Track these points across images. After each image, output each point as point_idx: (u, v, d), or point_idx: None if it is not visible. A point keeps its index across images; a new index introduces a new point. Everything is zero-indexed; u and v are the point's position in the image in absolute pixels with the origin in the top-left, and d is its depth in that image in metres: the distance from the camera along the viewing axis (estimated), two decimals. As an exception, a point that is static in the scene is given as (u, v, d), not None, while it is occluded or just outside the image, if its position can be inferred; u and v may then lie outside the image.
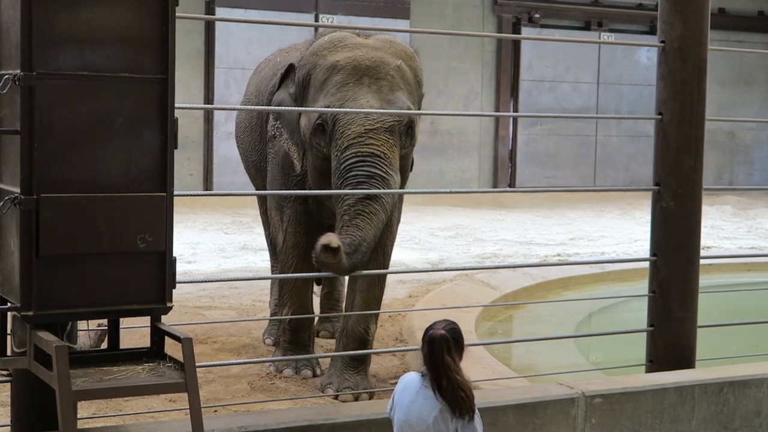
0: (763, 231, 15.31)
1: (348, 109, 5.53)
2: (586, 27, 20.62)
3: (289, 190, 6.18)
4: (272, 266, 7.67)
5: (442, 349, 3.59)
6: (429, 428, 3.59)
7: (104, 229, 3.46)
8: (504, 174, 20.13)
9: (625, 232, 14.45)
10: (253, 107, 6.56)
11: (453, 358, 3.60)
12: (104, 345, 4.76)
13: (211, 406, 5.52)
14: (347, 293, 6.31)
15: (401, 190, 5.47)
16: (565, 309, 9.27)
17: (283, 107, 5.91)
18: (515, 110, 20.03)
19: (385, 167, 5.48)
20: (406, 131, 5.68)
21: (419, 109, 6.03)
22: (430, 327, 3.67)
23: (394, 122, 5.59)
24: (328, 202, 6.00)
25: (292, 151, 5.96)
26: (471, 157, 19.83)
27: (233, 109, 6.99)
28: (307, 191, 5.99)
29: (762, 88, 22.85)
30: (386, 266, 6.25)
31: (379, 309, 6.22)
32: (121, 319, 3.76)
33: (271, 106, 6.06)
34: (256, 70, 7.49)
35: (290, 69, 6.03)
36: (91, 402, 5.38)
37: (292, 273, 6.25)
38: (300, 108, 5.74)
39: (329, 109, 5.60)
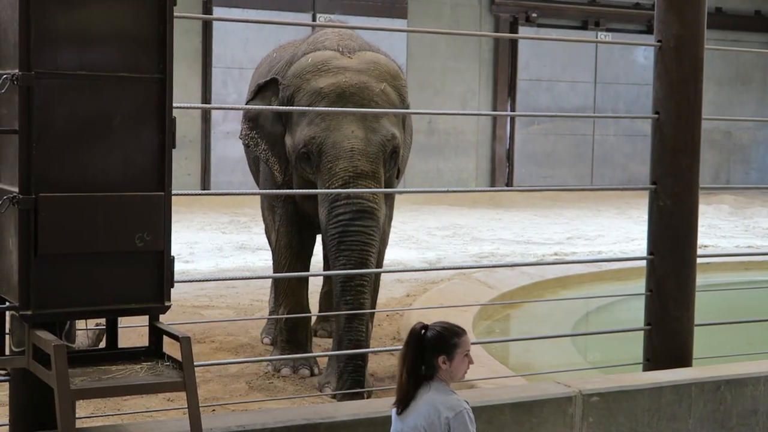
0: (760, 230, 15.33)
1: (340, 109, 5.55)
2: (584, 26, 20.64)
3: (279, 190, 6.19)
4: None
5: (406, 342, 3.64)
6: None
7: (102, 228, 3.46)
8: (501, 173, 20.14)
9: (622, 231, 14.47)
10: (249, 107, 6.55)
11: (409, 353, 3.61)
12: (102, 344, 4.77)
13: (209, 405, 5.53)
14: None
15: (400, 190, 5.49)
16: (563, 308, 9.29)
17: (260, 120, 5.90)
18: (512, 110, 20.03)
19: (372, 211, 5.55)
20: (390, 156, 5.71)
21: (404, 127, 6.03)
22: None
23: (379, 152, 5.62)
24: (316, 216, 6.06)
25: (272, 162, 5.97)
26: (468, 156, 19.84)
27: (231, 109, 6.98)
28: (300, 191, 5.99)
29: (759, 88, 22.87)
30: (379, 265, 6.26)
31: (374, 308, 6.23)
32: (120, 319, 3.76)
33: (244, 115, 6.05)
34: (257, 67, 7.51)
35: (272, 82, 6.01)
36: (90, 401, 5.39)
37: (286, 272, 6.26)
38: (300, 108, 5.72)
39: (323, 109, 5.61)
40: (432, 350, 3.60)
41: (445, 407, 3.54)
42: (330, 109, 5.61)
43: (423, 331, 3.62)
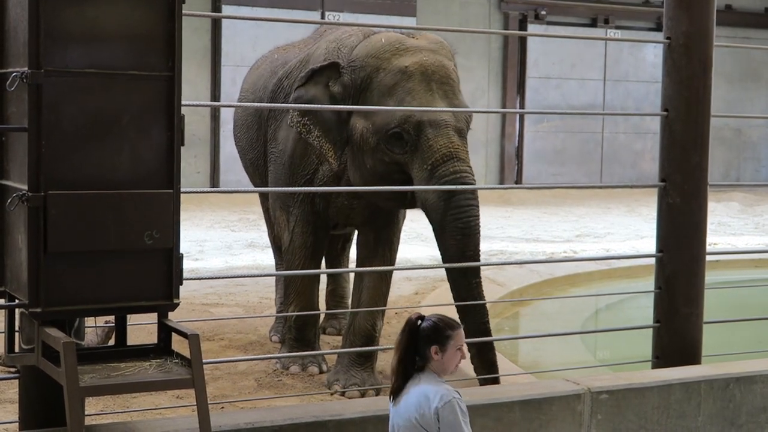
0: (770, 227, 15.31)
1: (353, 107, 5.54)
2: (593, 24, 20.61)
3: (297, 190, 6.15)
4: (277, 264, 7.68)
5: (402, 330, 3.68)
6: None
7: (111, 226, 3.47)
8: (510, 171, 20.13)
9: (632, 228, 14.45)
10: (264, 105, 6.52)
11: (403, 341, 3.66)
12: (111, 341, 4.79)
13: (218, 403, 5.54)
14: (353, 290, 6.32)
15: (407, 188, 5.47)
16: (572, 306, 9.28)
17: (313, 105, 5.78)
18: (521, 107, 20.02)
19: (473, 177, 5.61)
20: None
21: None
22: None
23: (464, 128, 5.70)
24: (345, 204, 6.01)
25: (327, 149, 5.85)
26: (477, 154, 19.81)
27: (240, 106, 6.96)
28: (314, 188, 5.97)
29: (769, 85, 22.83)
30: (392, 263, 6.26)
31: (385, 306, 6.23)
32: (129, 316, 3.77)
33: (296, 102, 5.93)
34: (252, 67, 7.47)
35: (331, 67, 5.84)
36: (99, 398, 5.40)
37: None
38: (314, 106, 5.68)
39: (324, 106, 5.60)
40: (426, 340, 3.64)
41: (434, 397, 3.55)
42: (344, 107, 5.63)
43: (419, 321, 3.66)
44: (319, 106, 5.63)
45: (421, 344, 3.64)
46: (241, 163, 7.40)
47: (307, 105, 5.67)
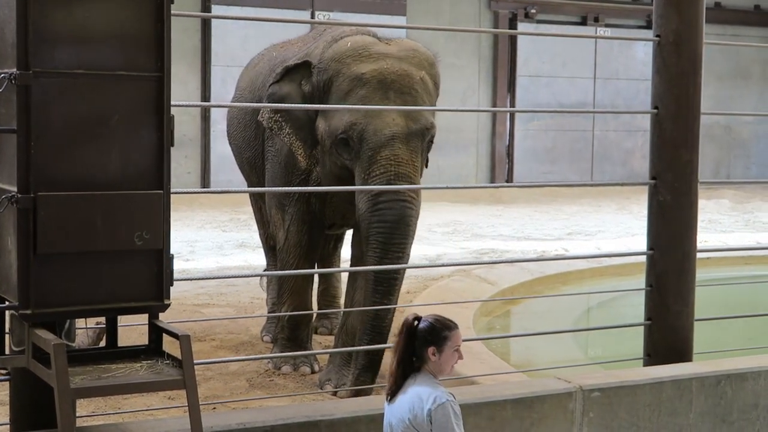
0: (761, 224, 15.32)
1: (348, 106, 5.53)
2: (583, 22, 20.63)
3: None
4: (268, 264, 7.67)
5: (399, 332, 3.68)
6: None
7: (101, 227, 3.46)
8: (501, 170, 20.14)
9: (623, 226, 14.46)
10: (250, 104, 6.50)
11: (400, 343, 3.66)
12: (102, 343, 4.77)
13: (210, 403, 5.53)
14: (347, 290, 6.31)
15: (401, 186, 5.46)
16: (563, 304, 9.28)
17: (286, 102, 5.79)
18: (512, 106, 20.03)
19: (412, 199, 5.58)
20: (426, 147, 5.72)
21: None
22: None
23: (418, 141, 5.62)
24: (341, 204, 6.01)
25: (296, 146, 5.85)
26: (468, 153, 19.83)
27: (230, 107, 6.98)
28: (310, 188, 5.95)
29: (758, 82, 22.86)
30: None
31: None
32: (119, 317, 3.76)
33: (270, 98, 5.92)
34: (248, 65, 7.43)
35: (304, 65, 5.86)
36: (90, 400, 5.39)
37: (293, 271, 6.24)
38: (302, 106, 5.69)
39: (326, 106, 5.60)
40: (423, 341, 3.64)
41: (428, 398, 3.55)
42: (340, 106, 5.62)
43: (416, 322, 3.67)
44: (294, 105, 5.64)
45: (419, 345, 3.64)
46: (233, 163, 7.38)
47: (288, 104, 5.67)
